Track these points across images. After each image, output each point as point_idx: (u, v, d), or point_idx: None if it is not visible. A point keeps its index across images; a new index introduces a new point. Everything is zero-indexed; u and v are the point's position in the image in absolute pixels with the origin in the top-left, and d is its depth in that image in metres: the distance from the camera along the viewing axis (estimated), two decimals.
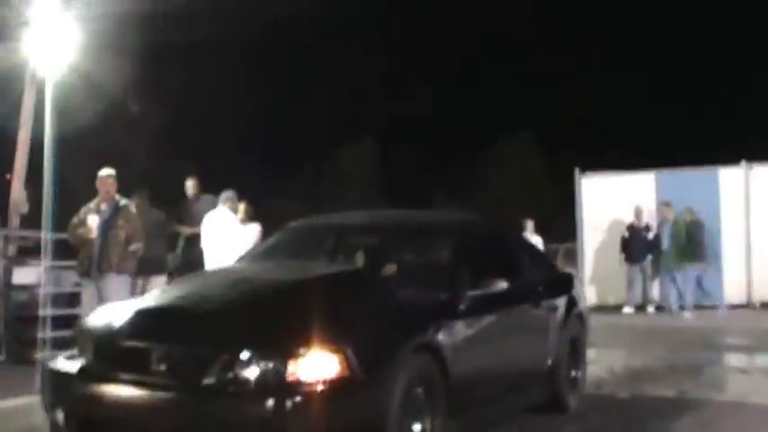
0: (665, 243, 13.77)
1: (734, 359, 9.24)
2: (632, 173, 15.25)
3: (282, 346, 3.79)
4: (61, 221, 8.24)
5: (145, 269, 8.56)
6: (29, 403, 6.22)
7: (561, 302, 6.05)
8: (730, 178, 14.36)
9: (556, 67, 37.43)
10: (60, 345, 8.23)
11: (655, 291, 14.24)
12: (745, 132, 24.33)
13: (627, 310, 13.86)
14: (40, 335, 7.93)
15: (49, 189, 8.87)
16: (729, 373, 8.32)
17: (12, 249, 8.83)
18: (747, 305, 13.94)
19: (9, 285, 8.61)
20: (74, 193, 9.14)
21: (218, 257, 8.32)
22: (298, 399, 3.65)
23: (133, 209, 7.79)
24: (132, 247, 7.57)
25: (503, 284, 4.92)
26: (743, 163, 14.31)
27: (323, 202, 41.13)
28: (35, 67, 9.50)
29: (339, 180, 42.66)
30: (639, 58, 37.82)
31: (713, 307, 13.76)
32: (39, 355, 7.95)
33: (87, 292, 7.55)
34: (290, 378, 3.71)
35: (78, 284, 8.21)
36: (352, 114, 42.04)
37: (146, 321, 4.23)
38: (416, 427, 4.14)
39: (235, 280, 4.91)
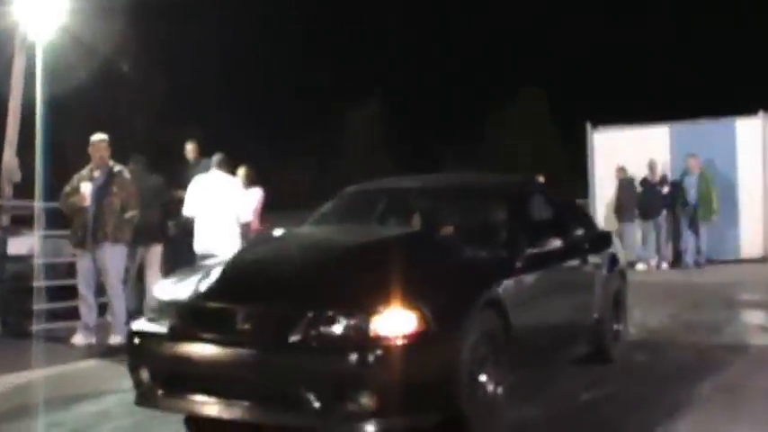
0: (691, 196, 13.42)
1: (753, 316, 8.97)
2: (646, 126, 14.85)
3: (364, 304, 4.07)
4: (57, 189, 7.98)
5: (143, 237, 8.30)
6: (24, 380, 6.02)
7: (605, 259, 6.35)
8: (748, 129, 13.91)
9: (565, 21, 36.69)
10: (57, 317, 8.06)
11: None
12: (762, 82, 23.70)
13: (640, 267, 13.56)
14: (35, 306, 7.73)
15: (42, 156, 8.62)
16: (750, 330, 8.04)
17: (5, 219, 8.57)
18: (763, 259, 13.64)
19: (4, 256, 8.36)
20: (69, 159, 8.86)
21: (213, 222, 8.07)
22: (379, 352, 3.94)
23: (128, 175, 7.48)
24: (128, 215, 7.28)
25: (557, 242, 5.31)
26: (761, 113, 13.85)
27: (331, 166, 40.91)
28: (25, 30, 9.17)
29: (347, 142, 42.28)
30: (651, 9, 37.02)
31: (727, 262, 13.52)
32: (34, 327, 7.76)
33: (82, 263, 7.29)
34: (371, 334, 4.00)
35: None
36: (358, 75, 41.53)
37: (229, 284, 4.51)
38: (482, 377, 4.44)
39: (307, 243, 5.25)
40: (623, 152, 14.43)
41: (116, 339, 7.15)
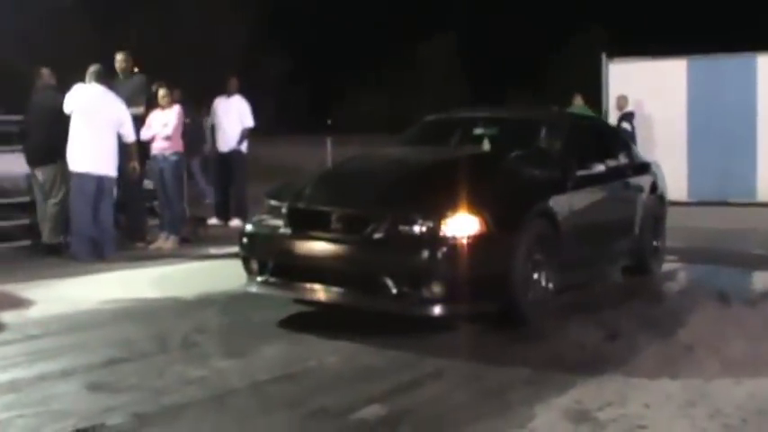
0: None
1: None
2: (663, 59, 12.69)
3: (436, 209, 4.53)
4: None
5: (41, 158, 7.35)
6: None
7: (646, 184, 6.74)
8: None
9: None
10: None
11: None
12: None
13: None
14: None
15: None
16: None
17: None
18: None
19: None
20: None
21: (86, 139, 7.07)
22: (447, 249, 4.44)
23: None
24: None
25: (601, 167, 5.82)
26: None
27: (404, 95, 39.24)
28: None
29: (419, 74, 40.42)
30: None
31: (743, 204, 11.48)
32: None
33: None
34: (441, 234, 4.47)
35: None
36: (433, 9, 39.43)
37: (326, 191, 5.05)
38: (535, 275, 4.89)
39: (390, 160, 5.75)
40: (638, 85, 12.36)
41: None
